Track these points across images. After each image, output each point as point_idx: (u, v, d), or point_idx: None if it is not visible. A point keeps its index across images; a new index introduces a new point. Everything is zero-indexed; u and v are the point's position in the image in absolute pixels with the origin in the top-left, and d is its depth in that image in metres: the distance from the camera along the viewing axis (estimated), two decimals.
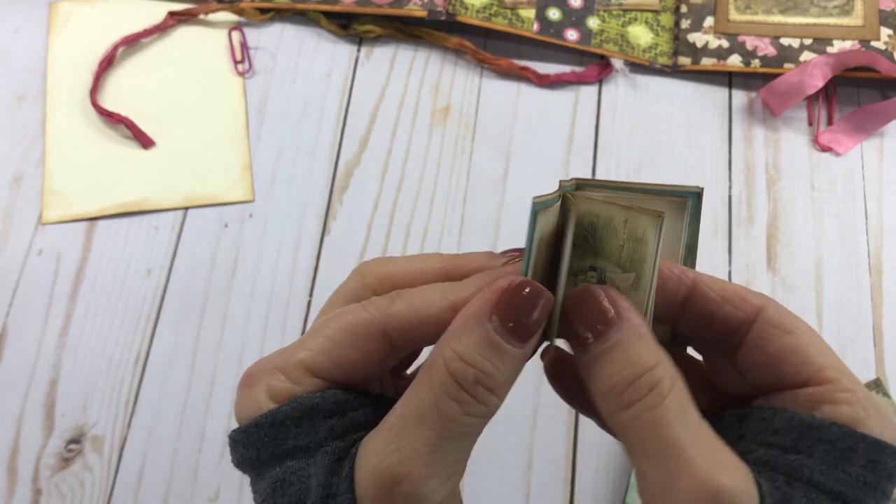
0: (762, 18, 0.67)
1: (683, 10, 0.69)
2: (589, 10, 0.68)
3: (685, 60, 0.67)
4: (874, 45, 0.65)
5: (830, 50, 0.65)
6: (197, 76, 0.66)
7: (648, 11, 0.69)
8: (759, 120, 0.66)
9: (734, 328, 0.24)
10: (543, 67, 0.67)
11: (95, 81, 0.64)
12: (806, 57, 0.65)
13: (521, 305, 0.22)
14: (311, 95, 0.66)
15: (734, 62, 0.66)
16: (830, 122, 0.65)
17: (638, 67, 0.67)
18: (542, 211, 0.24)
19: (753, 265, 0.60)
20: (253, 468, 0.24)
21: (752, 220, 0.62)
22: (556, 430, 0.55)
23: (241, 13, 0.68)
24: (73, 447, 0.55)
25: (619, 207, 0.24)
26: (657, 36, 0.68)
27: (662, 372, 0.22)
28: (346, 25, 0.68)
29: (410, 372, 0.30)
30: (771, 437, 0.22)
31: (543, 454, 0.55)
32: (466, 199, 0.62)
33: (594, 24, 0.68)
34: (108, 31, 0.67)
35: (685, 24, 0.68)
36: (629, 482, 0.53)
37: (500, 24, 0.66)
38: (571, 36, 0.67)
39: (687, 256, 0.26)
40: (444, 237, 0.61)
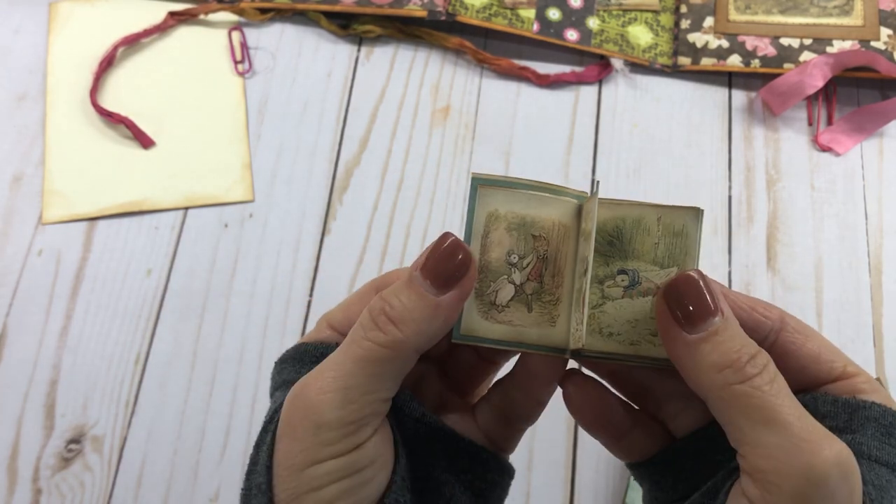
0: (762, 18, 0.67)
1: (683, 10, 0.69)
2: (589, 10, 0.68)
3: (685, 60, 0.67)
4: (874, 45, 0.65)
5: (830, 50, 0.65)
6: (197, 76, 0.66)
7: (648, 11, 0.69)
8: (758, 120, 0.66)
9: (763, 335, 0.26)
10: (543, 67, 0.67)
11: (95, 81, 0.64)
12: (806, 57, 0.65)
13: (436, 253, 0.25)
14: (311, 95, 0.66)
15: (734, 62, 0.66)
16: (830, 122, 0.65)
17: (638, 67, 0.67)
18: (483, 187, 0.26)
19: (753, 265, 0.60)
20: (270, 395, 0.29)
21: (751, 220, 0.62)
22: (556, 430, 0.55)
23: (241, 13, 0.68)
24: (73, 447, 0.55)
25: (650, 206, 0.25)
26: (657, 36, 0.68)
27: (767, 357, 0.24)
28: (346, 25, 0.68)
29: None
30: (821, 420, 0.24)
31: (543, 454, 0.55)
32: (466, 199, 0.62)
33: (594, 24, 0.68)
34: (108, 31, 0.67)
35: (685, 24, 0.68)
36: (629, 482, 0.53)
37: (500, 24, 0.66)
38: (571, 36, 0.67)
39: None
40: None
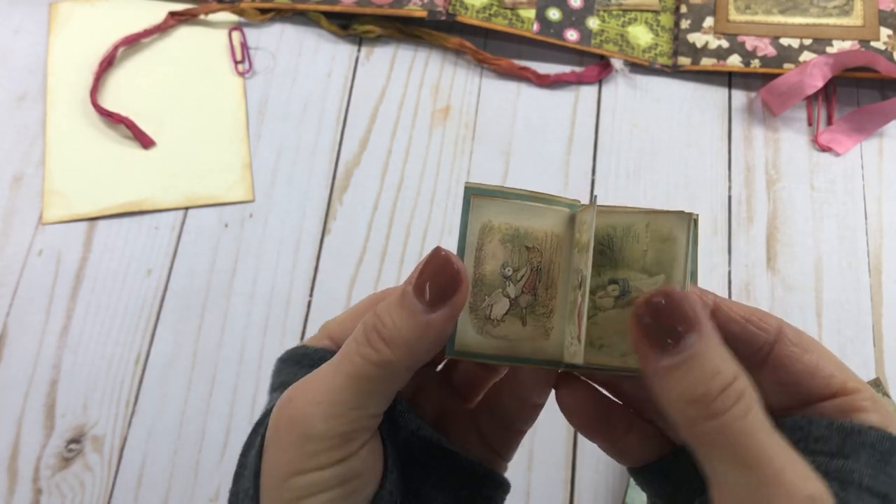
0: (762, 18, 0.67)
1: (683, 10, 0.69)
2: (589, 10, 0.68)
3: (685, 60, 0.67)
4: (874, 45, 0.65)
5: (830, 50, 0.65)
6: (197, 76, 0.66)
7: (648, 11, 0.69)
8: (758, 120, 0.66)
9: (757, 348, 0.25)
10: (543, 67, 0.67)
11: (95, 81, 0.64)
12: (806, 57, 0.65)
13: (427, 269, 0.24)
14: (311, 95, 0.66)
15: (734, 62, 0.66)
16: (830, 122, 0.65)
17: (638, 67, 0.67)
18: (477, 197, 0.25)
19: (753, 265, 0.60)
20: (269, 393, 0.29)
21: (751, 220, 0.62)
22: (556, 430, 0.55)
23: (241, 13, 0.68)
24: (73, 447, 0.55)
25: (639, 213, 0.25)
26: (657, 36, 0.68)
27: (744, 382, 0.22)
28: (346, 25, 0.68)
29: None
30: (813, 444, 0.23)
31: (543, 454, 0.55)
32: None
33: (594, 24, 0.68)
34: (108, 31, 0.67)
35: (685, 24, 0.68)
36: (629, 482, 0.53)
37: (500, 24, 0.66)
38: (571, 36, 0.67)
39: (690, 282, 0.26)
40: (444, 237, 0.61)
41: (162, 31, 0.67)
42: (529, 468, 0.54)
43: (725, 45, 0.66)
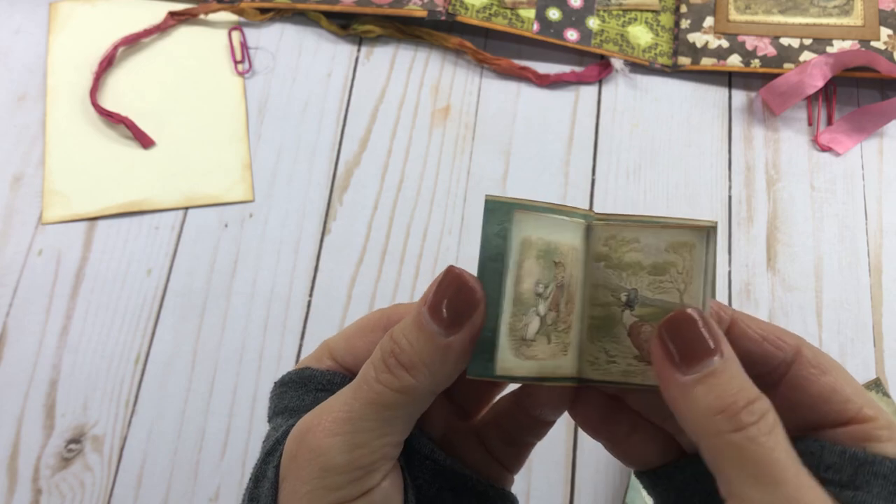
0: (762, 18, 0.67)
1: (683, 10, 0.69)
2: (589, 10, 0.68)
3: (685, 60, 0.67)
4: (874, 45, 0.65)
5: (830, 50, 0.65)
6: (197, 76, 0.66)
7: (648, 11, 0.69)
8: (758, 120, 0.66)
9: (772, 367, 0.25)
10: (543, 67, 0.67)
11: (95, 81, 0.64)
12: (806, 57, 0.65)
13: (442, 290, 0.23)
14: (311, 95, 0.66)
15: (734, 62, 0.66)
16: (830, 122, 0.65)
17: (638, 67, 0.67)
18: (520, 212, 0.24)
19: (753, 265, 0.60)
20: (268, 419, 0.28)
21: (751, 220, 0.62)
22: (556, 430, 0.55)
23: (241, 13, 0.68)
24: (73, 447, 0.55)
25: (656, 227, 0.24)
26: (657, 36, 0.68)
27: (767, 403, 0.22)
28: (346, 25, 0.68)
29: None
30: (824, 472, 0.23)
31: (543, 454, 0.55)
32: (466, 199, 0.62)
33: (594, 24, 0.68)
34: (108, 31, 0.67)
35: (685, 24, 0.68)
36: (629, 482, 0.53)
37: (500, 24, 0.66)
38: (571, 36, 0.67)
39: (709, 290, 0.26)
40: (444, 237, 0.61)
41: (162, 30, 0.67)
42: (529, 468, 0.54)
43: (725, 44, 0.66)
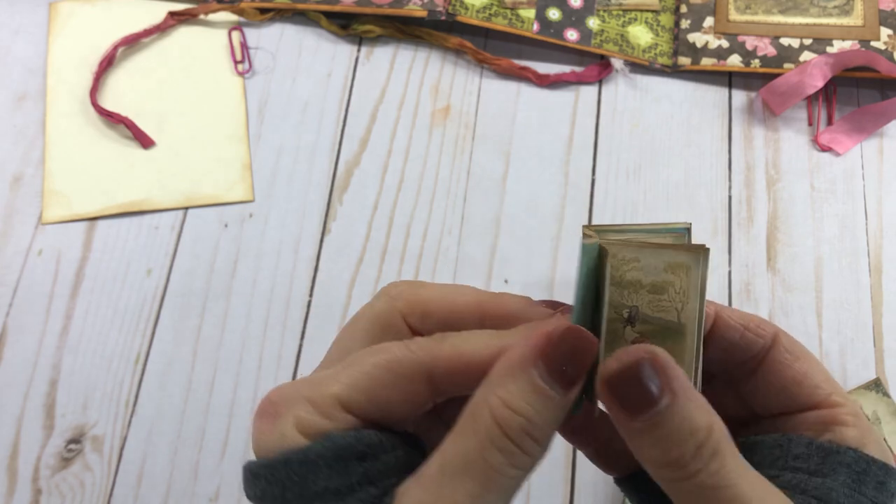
0: (762, 18, 0.67)
1: (683, 10, 0.69)
2: (589, 10, 0.68)
3: (685, 60, 0.67)
4: (874, 45, 0.65)
5: (830, 50, 0.65)
6: (197, 76, 0.66)
7: (648, 11, 0.69)
8: (759, 120, 0.66)
9: (753, 354, 0.25)
10: (543, 67, 0.67)
11: (95, 81, 0.64)
12: (806, 57, 0.65)
13: (566, 351, 0.22)
14: (311, 95, 0.66)
15: (734, 62, 0.66)
16: (830, 122, 0.65)
17: (638, 67, 0.67)
18: (587, 255, 0.23)
19: (753, 265, 0.60)
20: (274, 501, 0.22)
21: (751, 220, 0.62)
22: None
23: (241, 13, 0.68)
24: (73, 447, 0.55)
25: (655, 247, 0.24)
26: (657, 36, 0.68)
27: (718, 433, 0.21)
28: (346, 25, 0.68)
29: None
30: (793, 461, 0.23)
31: None
32: (466, 199, 0.62)
33: (594, 24, 0.68)
34: (108, 31, 0.67)
35: (685, 24, 0.68)
36: None
37: (500, 24, 0.66)
38: (571, 36, 0.67)
39: (703, 309, 0.27)
40: (444, 237, 0.61)
41: (162, 30, 0.67)
42: None
43: (725, 44, 0.66)
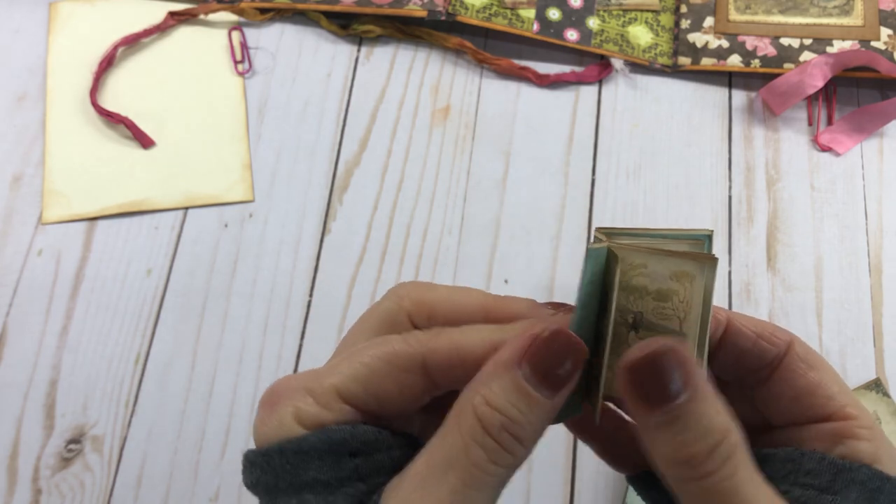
0: (762, 18, 0.67)
1: (683, 10, 0.69)
2: (589, 10, 0.68)
3: (685, 60, 0.67)
4: (874, 45, 0.65)
5: (830, 50, 0.65)
6: (197, 76, 0.66)
7: (648, 11, 0.69)
8: (759, 120, 0.66)
9: (766, 363, 0.25)
10: (543, 67, 0.67)
11: (95, 81, 0.64)
12: (806, 57, 0.65)
13: (552, 354, 0.22)
14: (311, 95, 0.66)
15: (734, 62, 0.66)
16: (830, 122, 0.65)
17: (638, 67, 0.67)
18: (593, 258, 0.23)
19: (753, 265, 0.60)
20: (268, 493, 0.23)
21: (752, 220, 0.62)
22: (556, 430, 0.55)
23: (241, 13, 0.68)
24: (73, 447, 0.55)
25: (663, 253, 0.24)
26: (657, 36, 0.68)
27: (735, 438, 0.21)
28: (346, 25, 0.68)
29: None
30: (804, 477, 0.23)
31: (543, 454, 0.55)
32: (466, 199, 0.62)
33: (594, 24, 0.68)
34: (108, 31, 0.67)
35: (685, 24, 0.68)
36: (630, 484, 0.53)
37: (500, 24, 0.66)
38: (571, 36, 0.67)
39: (707, 319, 0.26)
40: (444, 237, 0.61)
41: (162, 30, 0.67)
42: (529, 468, 0.54)
43: (725, 44, 0.66)
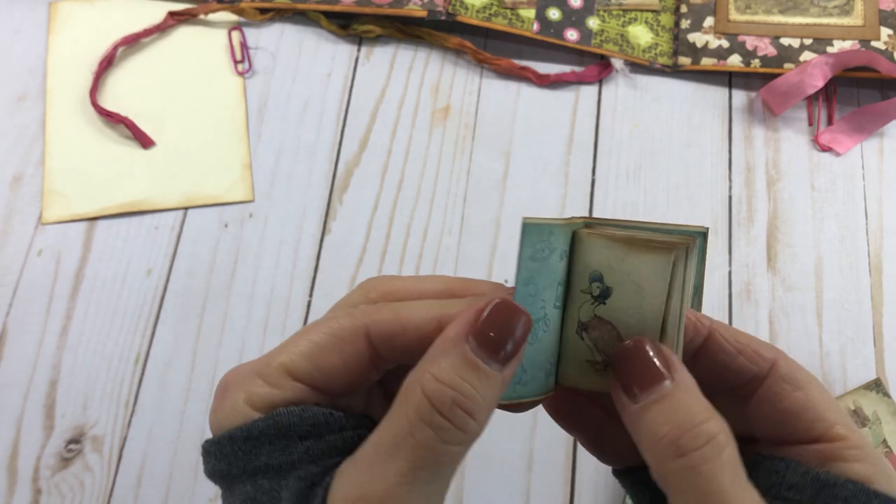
0: (762, 18, 0.67)
1: (683, 10, 0.69)
2: (589, 10, 0.68)
3: (685, 60, 0.67)
4: (874, 45, 0.65)
5: (830, 50, 0.65)
6: (197, 76, 0.66)
7: (648, 11, 0.69)
8: (759, 120, 0.66)
9: (746, 381, 0.25)
10: (543, 67, 0.67)
11: (95, 81, 0.64)
12: (806, 57, 0.65)
13: (498, 325, 0.21)
14: (311, 95, 0.66)
15: (734, 62, 0.66)
16: (830, 122, 0.65)
17: (638, 67, 0.67)
18: (533, 231, 0.23)
19: (753, 265, 0.60)
20: (224, 481, 0.23)
21: (752, 220, 0.62)
22: (555, 430, 0.55)
23: (241, 13, 0.68)
24: (73, 447, 0.55)
25: (633, 242, 0.24)
26: (657, 36, 0.68)
27: (717, 426, 0.21)
28: (346, 25, 0.68)
29: None
30: (786, 491, 0.23)
31: (543, 454, 0.55)
32: (466, 199, 0.62)
33: (594, 24, 0.68)
34: (108, 31, 0.67)
35: (685, 24, 0.68)
36: None
37: (500, 24, 0.66)
38: (571, 36, 0.67)
39: (694, 296, 0.26)
40: (444, 237, 0.61)
41: (162, 30, 0.67)
42: (529, 468, 0.54)
43: (726, 44, 0.66)
